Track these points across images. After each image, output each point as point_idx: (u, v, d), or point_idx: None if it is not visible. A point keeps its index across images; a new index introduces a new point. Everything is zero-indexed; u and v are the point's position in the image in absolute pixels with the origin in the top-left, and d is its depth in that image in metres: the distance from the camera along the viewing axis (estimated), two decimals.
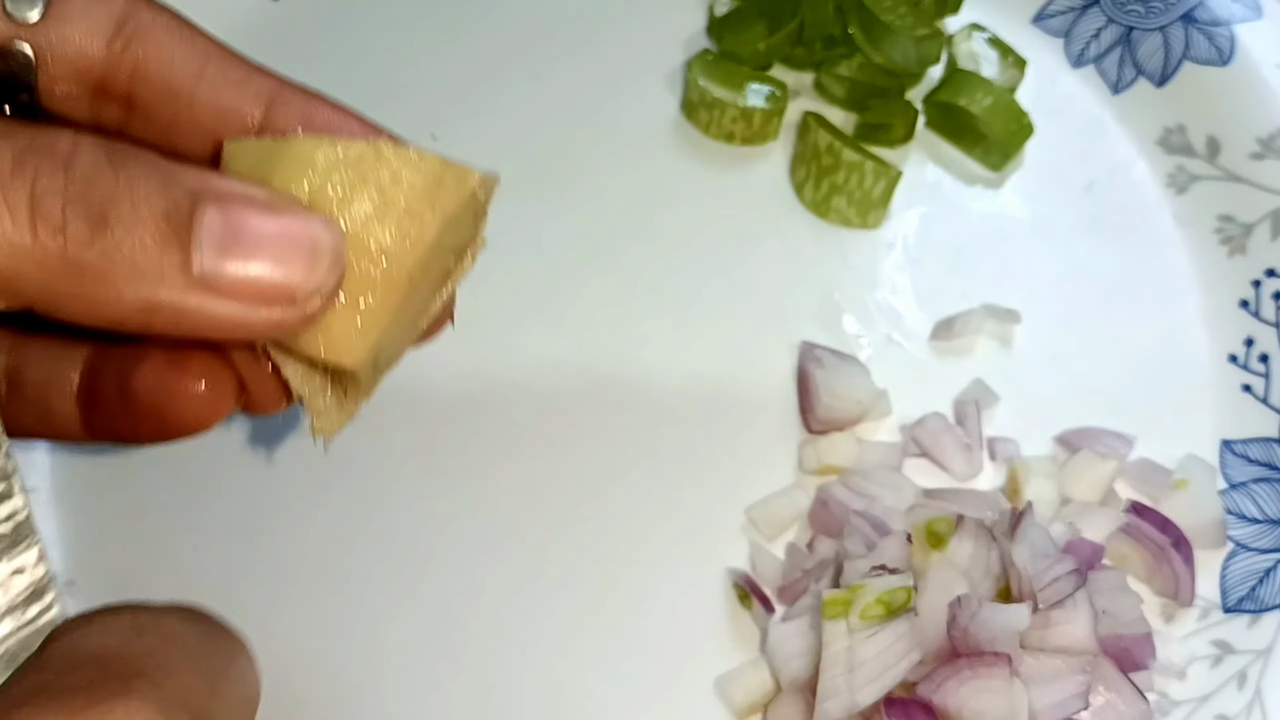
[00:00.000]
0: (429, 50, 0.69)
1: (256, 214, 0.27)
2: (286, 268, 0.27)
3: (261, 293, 0.27)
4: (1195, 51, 0.65)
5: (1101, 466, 0.55)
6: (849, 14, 0.65)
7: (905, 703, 0.47)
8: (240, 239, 0.27)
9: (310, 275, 0.27)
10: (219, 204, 0.27)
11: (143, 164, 0.27)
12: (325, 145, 0.29)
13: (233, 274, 0.27)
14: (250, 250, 0.27)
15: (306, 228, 0.28)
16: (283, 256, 0.27)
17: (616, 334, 0.61)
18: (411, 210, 0.30)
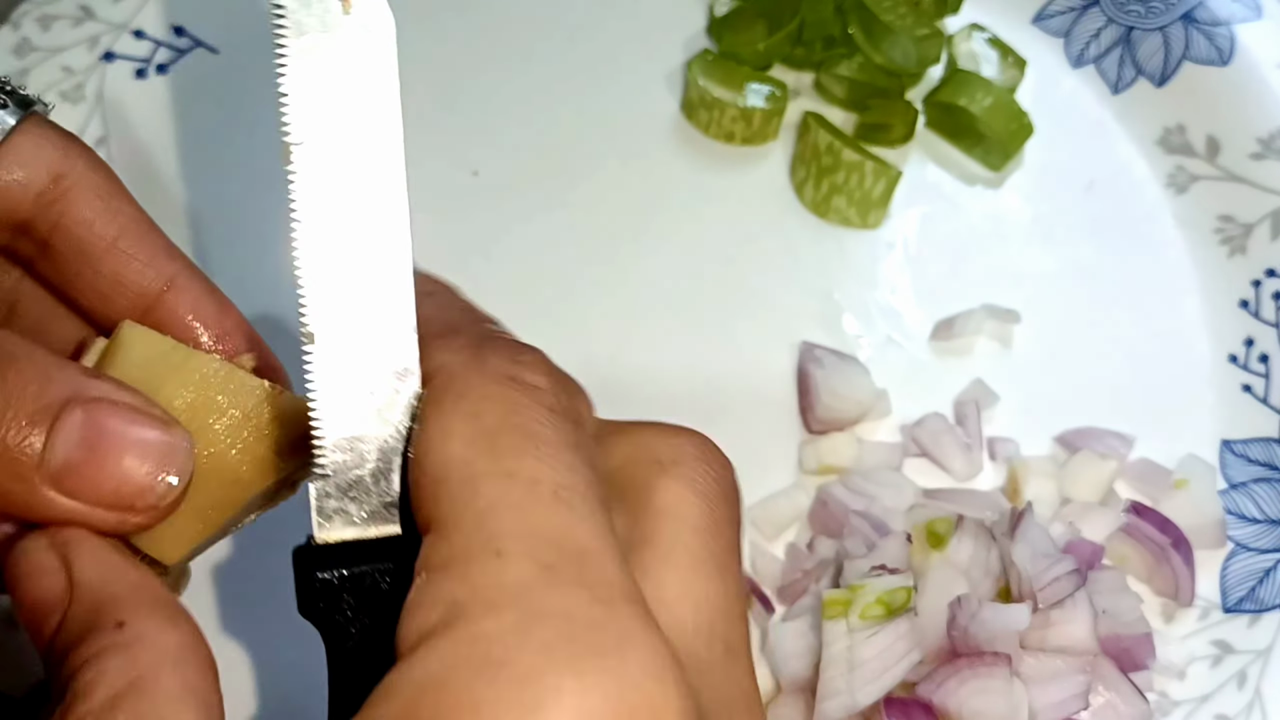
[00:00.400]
0: (429, 50, 0.68)
1: (119, 421, 0.29)
2: (133, 480, 0.28)
3: (104, 498, 0.28)
4: (1195, 51, 0.65)
5: (1101, 466, 0.55)
6: (849, 14, 0.65)
7: (905, 703, 0.47)
8: (96, 445, 0.28)
9: (153, 490, 0.29)
10: (85, 407, 0.28)
11: (26, 360, 0.29)
12: (215, 365, 0.31)
13: (79, 478, 0.28)
14: (101, 458, 0.28)
15: (163, 442, 0.29)
16: (132, 468, 0.28)
17: (616, 334, 0.61)
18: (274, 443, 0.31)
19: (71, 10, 0.66)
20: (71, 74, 0.65)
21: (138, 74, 0.66)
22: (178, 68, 0.67)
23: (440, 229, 0.64)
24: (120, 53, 0.66)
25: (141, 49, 0.66)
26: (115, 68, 0.66)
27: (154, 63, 0.66)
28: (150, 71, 0.66)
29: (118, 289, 0.35)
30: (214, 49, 0.68)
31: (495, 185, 0.65)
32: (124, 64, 0.66)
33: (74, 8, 0.66)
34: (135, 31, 0.66)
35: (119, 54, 0.66)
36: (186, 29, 0.67)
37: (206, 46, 0.68)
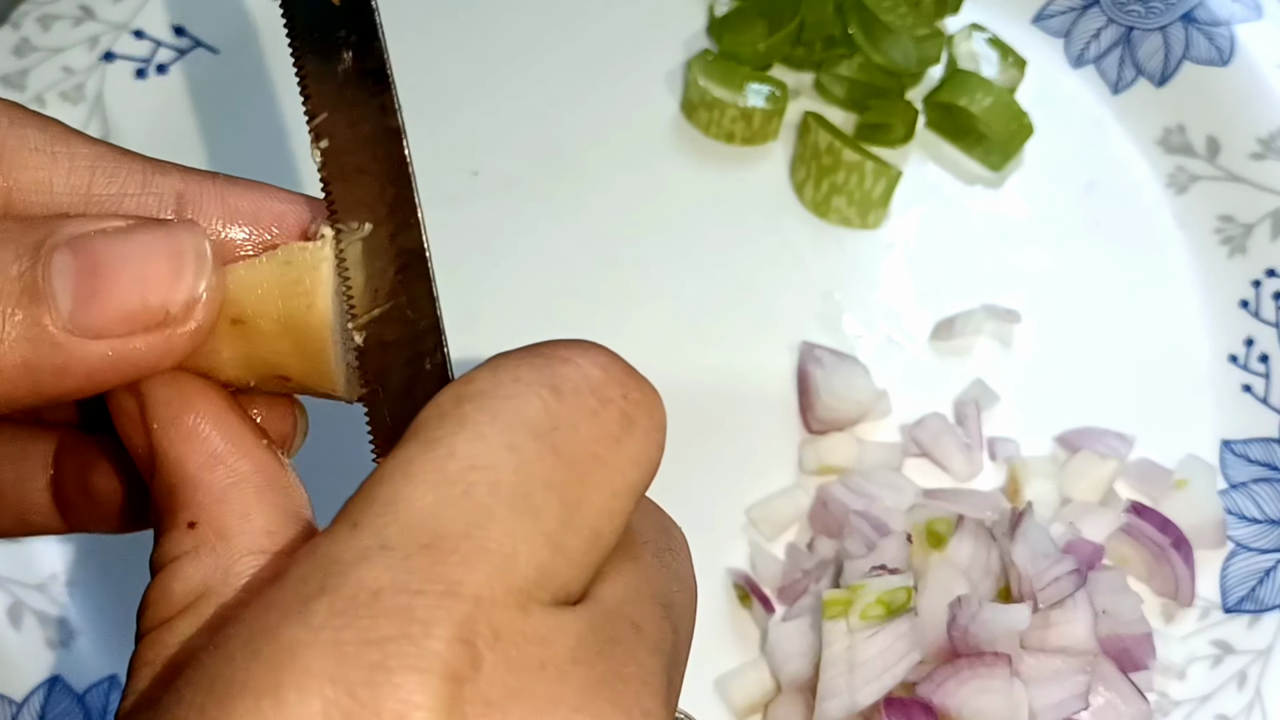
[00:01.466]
0: (429, 50, 0.69)
1: (111, 242, 0.26)
2: (150, 286, 0.26)
3: (133, 321, 0.26)
4: (1195, 51, 0.65)
5: (1101, 466, 0.55)
6: (849, 14, 0.65)
7: (905, 703, 0.47)
8: (96, 273, 0.25)
9: (178, 285, 0.26)
10: (70, 245, 0.26)
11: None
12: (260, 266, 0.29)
13: (96, 313, 0.25)
14: (108, 281, 0.26)
15: (166, 239, 0.26)
16: (143, 276, 0.26)
17: (616, 333, 0.60)
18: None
19: (71, 10, 0.66)
20: (71, 74, 0.65)
21: (138, 74, 0.66)
22: (178, 68, 0.67)
23: (440, 229, 0.64)
24: (120, 53, 0.66)
25: (141, 49, 0.66)
26: (115, 68, 0.66)
27: (154, 63, 0.66)
28: (150, 71, 0.66)
29: None
30: (214, 49, 0.68)
31: (495, 185, 0.65)
32: (124, 64, 0.66)
33: (74, 8, 0.66)
34: (135, 31, 0.66)
35: (119, 54, 0.66)
36: (186, 29, 0.67)
37: (206, 46, 0.68)
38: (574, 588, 0.24)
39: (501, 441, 0.24)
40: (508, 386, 0.25)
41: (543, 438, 0.24)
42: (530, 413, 0.25)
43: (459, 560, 0.22)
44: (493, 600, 0.22)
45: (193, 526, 0.26)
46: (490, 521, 0.23)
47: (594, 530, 0.25)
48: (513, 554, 0.23)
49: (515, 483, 0.24)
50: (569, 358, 0.26)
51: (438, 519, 0.23)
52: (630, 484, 0.26)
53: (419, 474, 0.24)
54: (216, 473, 0.27)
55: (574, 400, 0.25)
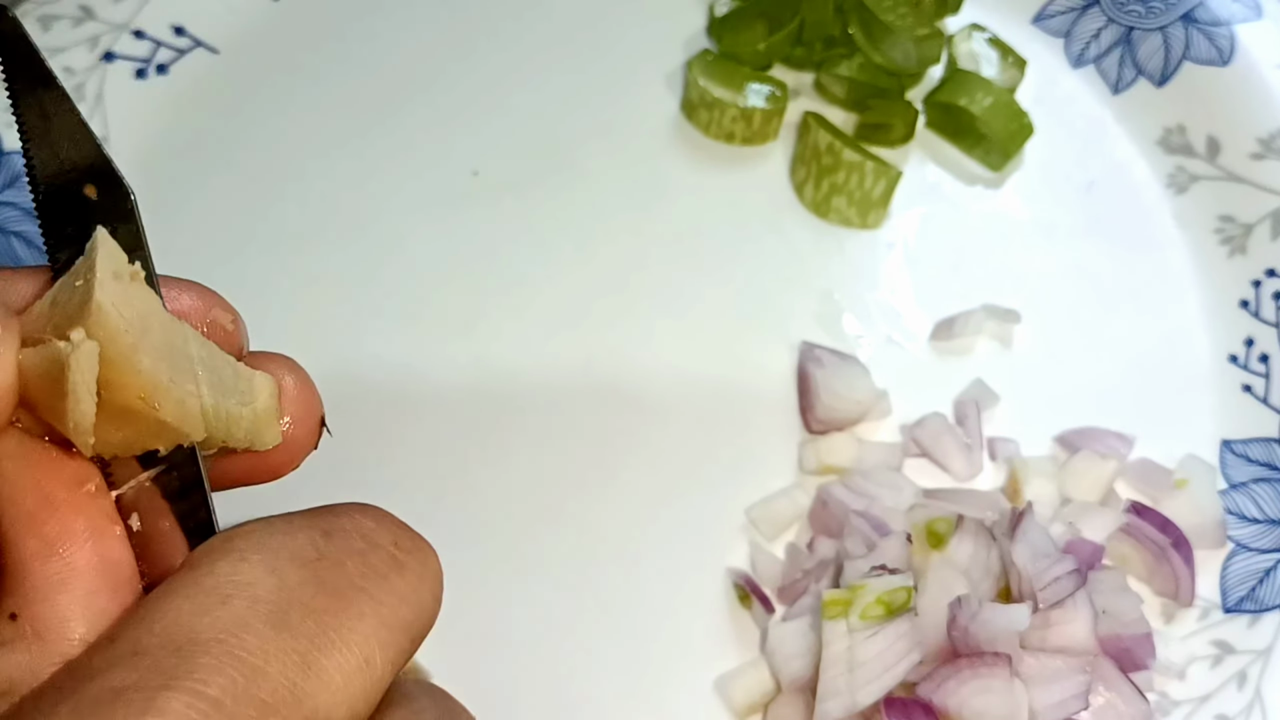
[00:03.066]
0: (429, 50, 0.69)
1: None
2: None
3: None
4: (1195, 51, 0.65)
5: (1101, 466, 0.55)
6: (849, 14, 0.65)
7: (905, 703, 0.47)
8: None
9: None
10: None
11: None
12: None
13: None
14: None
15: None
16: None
17: (616, 334, 0.61)
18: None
19: (71, 10, 0.66)
20: (71, 74, 0.65)
21: (138, 74, 0.66)
22: (178, 68, 0.67)
23: (440, 229, 0.64)
24: (120, 53, 0.66)
25: (141, 49, 0.66)
26: (115, 68, 0.66)
27: (154, 63, 0.66)
28: (150, 71, 0.66)
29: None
30: (214, 49, 0.68)
31: (495, 185, 0.65)
32: (124, 64, 0.66)
33: (74, 8, 0.66)
34: (135, 31, 0.66)
35: (119, 54, 0.66)
36: (186, 29, 0.67)
37: (206, 46, 0.68)
38: (336, 717, 0.24)
39: (264, 565, 0.24)
40: (278, 525, 0.26)
41: (306, 566, 0.25)
42: (297, 546, 0.25)
43: (208, 662, 0.22)
44: (234, 707, 0.22)
45: (13, 619, 0.25)
46: (244, 631, 0.23)
47: (361, 658, 0.25)
48: (262, 666, 0.23)
49: (274, 600, 0.24)
50: (343, 510, 0.27)
51: (192, 626, 0.23)
52: (401, 620, 0.26)
53: (179, 590, 0.24)
54: (49, 565, 0.25)
55: (342, 541, 0.26)
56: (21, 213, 0.61)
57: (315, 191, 0.65)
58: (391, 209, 0.64)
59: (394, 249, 0.63)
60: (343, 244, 0.63)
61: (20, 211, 0.61)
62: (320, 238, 0.63)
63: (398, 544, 0.27)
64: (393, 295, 0.62)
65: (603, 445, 0.58)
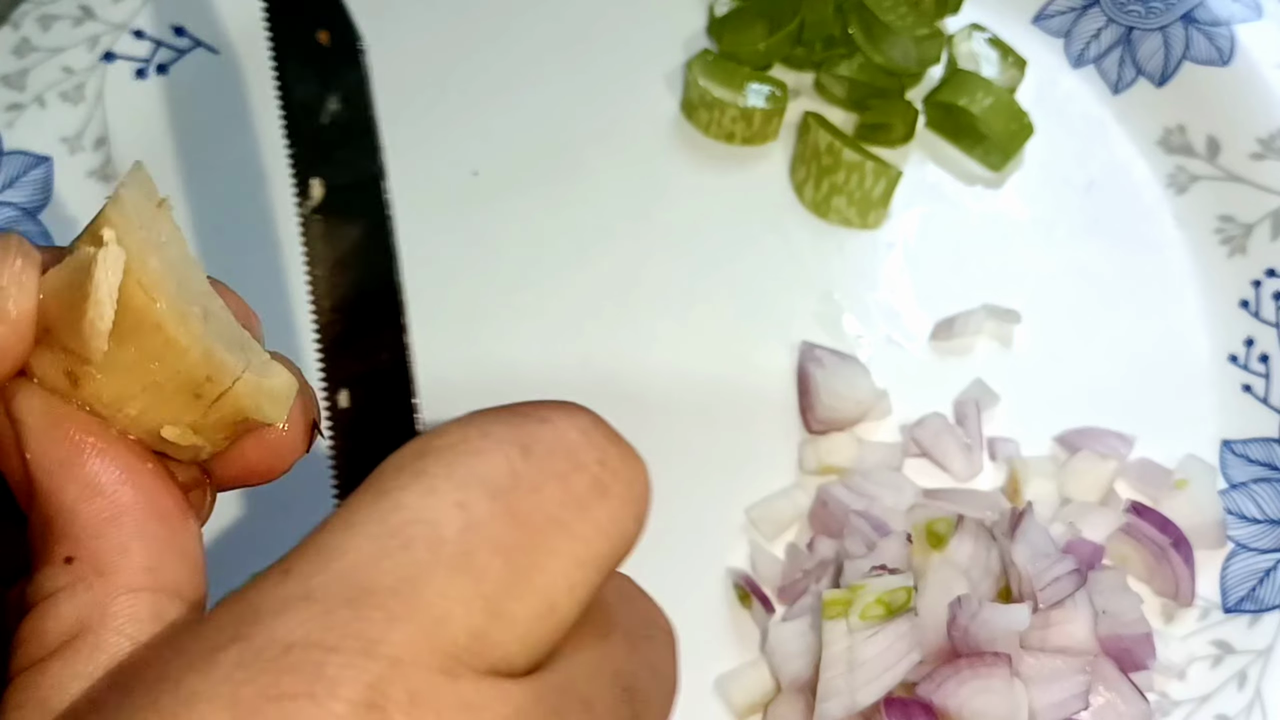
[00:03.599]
0: (429, 49, 0.69)
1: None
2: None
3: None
4: (1195, 51, 0.65)
5: (1101, 466, 0.55)
6: (849, 14, 0.65)
7: (905, 703, 0.47)
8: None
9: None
10: None
11: None
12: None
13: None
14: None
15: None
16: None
17: (616, 334, 0.61)
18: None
19: (71, 10, 0.66)
20: (71, 74, 0.65)
21: (138, 74, 0.66)
22: (178, 68, 0.67)
23: (440, 229, 0.64)
24: (120, 53, 0.66)
25: (141, 49, 0.66)
26: (115, 68, 0.66)
27: (154, 63, 0.66)
28: (150, 71, 0.66)
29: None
30: (214, 49, 0.68)
31: (495, 185, 0.65)
32: (124, 64, 0.66)
33: (74, 8, 0.66)
34: (135, 31, 0.66)
35: (119, 54, 0.66)
36: (186, 29, 0.67)
37: (206, 46, 0.68)
38: (519, 660, 0.23)
39: (453, 497, 0.23)
40: (475, 442, 0.24)
41: (498, 497, 0.23)
42: (491, 470, 0.23)
43: (383, 617, 0.21)
44: (414, 662, 0.21)
45: (69, 562, 0.25)
46: (425, 578, 0.22)
47: (548, 601, 0.23)
48: (445, 615, 0.22)
49: (459, 540, 0.22)
50: (547, 417, 0.25)
51: (369, 572, 0.22)
52: (596, 554, 0.24)
53: (360, 524, 0.23)
54: (95, 504, 0.25)
55: (543, 461, 0.24)
56: (21, 213, 0.61)
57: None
58: (391, 209, 0.64)
59: None
60: None
61: (20, 211, 0.61)
62: None
63: (603, 462, 0.25)
64: None
65: None
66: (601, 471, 0.25)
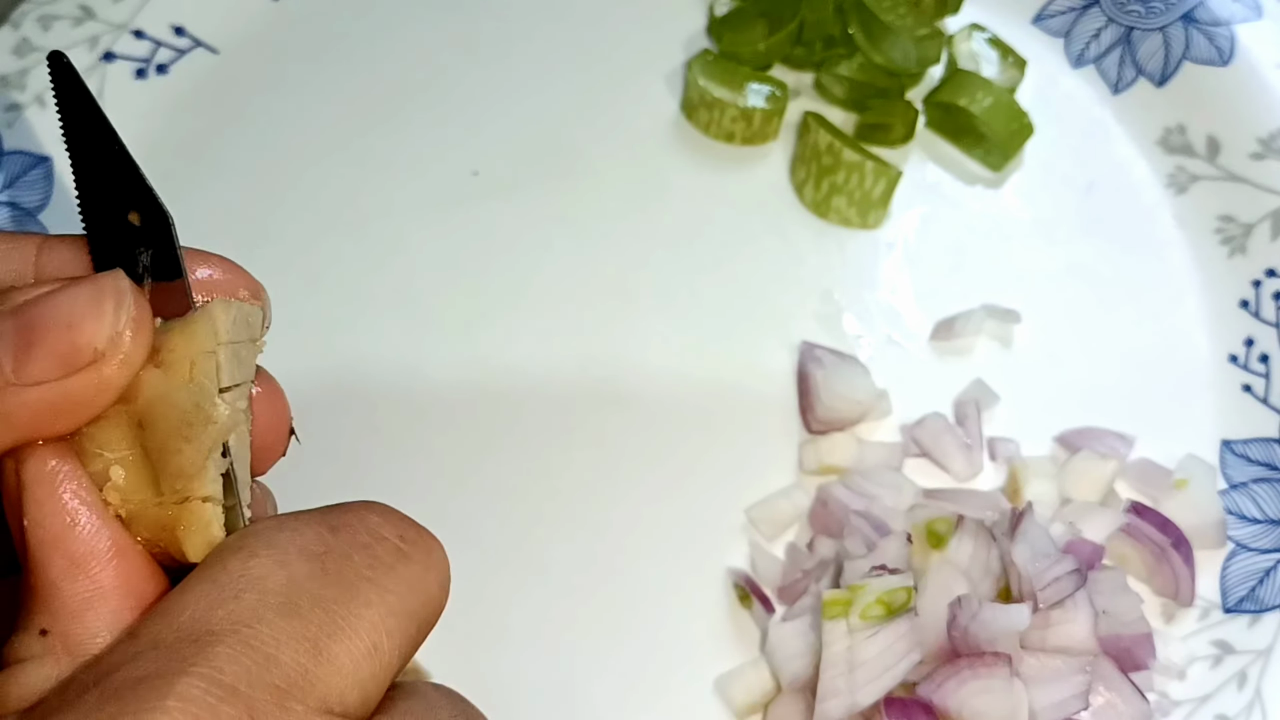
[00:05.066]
0: (429, 49, 0.69)
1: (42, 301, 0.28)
2: (77, 329, 0.27)
3: (66, 363, 0.27)
4: (1195, 51, 0.65)
5: (1101, 466, 0.55)
6: (849, 14, 0.65)
7: (905, 703, 0.47)
8: (30, 329, 0.27)
9: (100, 324, 0.27)
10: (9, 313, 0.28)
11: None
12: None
13: (33, 362, 0.27)
14: (41, 334, 0.27)
15: (88, 286, 0.28)
16: (70, 322, 0.27)
17: (616, 334, 0.61)
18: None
19: (71, 10, 0.66)
20: None
21: (138, 74, 0.66)
22: (178, 68, 0.67)
23: (440, 229, 0.64)
24: (120, 53, 0.66)
25: (141, 49, 0.66)
26: (115, 68, 0.66)
27: (154, 63, 0.66)
28: (150, 71, 0.66)
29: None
30: (214, 49, 0.68)
31: (495, 185, 0.65)
32: (124, 64, 0.66)
33: (74, 8, 0.66)
34: (135, 31, 0.66)
35: (119, 54, 0.66)
36: (186, 29, 0.67)
37: (206, 46, 0.68)
38: (352, 699, 0.26)
39: (274, 560, 0.26)
40: (288, 522, 0.27)
41: (313, 560, 0.26)
42: (304, 541, 0.26)
43: (223, 651, 0.24)
44: (250, 693, 0.24)
45: (44, 634, 0.26)
46: (257, 621, 0.25)
47: (369, 642, 0.26)
48: (275, 653, 0.24)
49: (284, 592, 0.25)
50: (349, 507, 0.28)
51: (207, 618, 0.25)
52: (408, 608, 0.27)
53: (193, 587, 0.26)
54: (77, 584, 0.27)
55: (348, 535, 0.27)
56: (22, 212, 0.61)
57: (315, 192, 0.65)
58: (392, 209, 0.64)
59: (394, 249, 0.63)
60: (343, 244, 0.63)
61: (21, 211, 0.61)
62: (320, 238, 0.63)
63: (403, 537, 0.28)
64: (392, 295, 0.62)
65: (602, 445, 0.58)
66: (401, 543, 0.28)
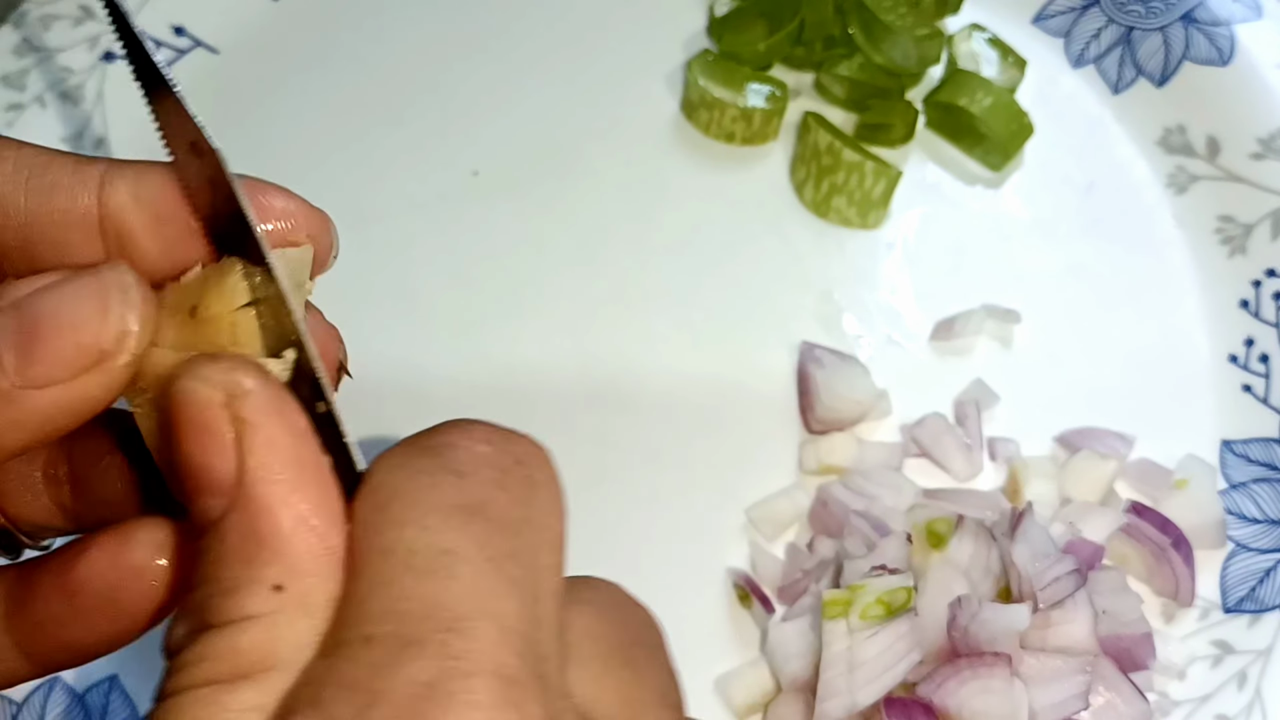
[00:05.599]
0: (429, 49, 0.69)
1: (43, 297, 0.27)
2: (82, 329, 0.27)
3: (73, 364, 0.26)
4: (1195, 51, 0.65)
5: (1101, 466, 0.55)
6: (849, 14, 0.65)
7: (905, 703, 0.47)
8: (34, 329, 0.26)
9: (106, 323, 0.27)
10: (9, 308, 0.27)
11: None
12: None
13: (38, 364, 0.26)
14: (45, 334, 0.26)
15: (91, 282, 0.27)
16: (74, 322, 0.26)
17: (616, 334, 0.61)
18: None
19: (71, 10, 0.66)
20: (71, 74, 0.65)
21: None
22: (178, 68, 0.67)
23: (440, 229, 0.64)
24: (120, 53, 0.66)
25: None
26: (115, 68, 0.66)
27: None
28: None
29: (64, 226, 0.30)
30: (214, 49, 0.68)
31: (495, 185, 0.65)
32: (124, 64, 0.66)
33: (74, 8, 0.66)
34: None
35: (119, 54, 0.66)
36: (186, 29, 0.67)
37: (206, 46, 0.68)
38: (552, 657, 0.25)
39: (447, 528, 0.24)
40: (415, 481, 0.25)
41: (478, 514, 0.25)
42: (450, 497, 0.25)
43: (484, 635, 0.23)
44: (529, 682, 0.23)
45: (279, 590, 0.24)
46: (488, 597, 0.24)
47: (555, 593, 0.26)
48: (517, 626, 0.24)
49: (483, 559, 0.24)
50: (453, 441, 0.26)
51: (444, 603, 0.23)
52: (557, 535, 0.27)
53: (397, 575, 0.24)
54: (310, 540, 0.25)
55: (480, 476, 0.26)
56: None
57: (315, 192, 0.64)
58: (391, 209, 0.64)
59: (394, 249, 0.63)
60: (342, 244, 0.63)
61: None
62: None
63: (519, 459, 0.27)
64: (392, 295, 0.62)
65: (602, 445, 0.58)
66: (523, 467, 0.27)
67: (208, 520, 0.25)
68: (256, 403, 0.25)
